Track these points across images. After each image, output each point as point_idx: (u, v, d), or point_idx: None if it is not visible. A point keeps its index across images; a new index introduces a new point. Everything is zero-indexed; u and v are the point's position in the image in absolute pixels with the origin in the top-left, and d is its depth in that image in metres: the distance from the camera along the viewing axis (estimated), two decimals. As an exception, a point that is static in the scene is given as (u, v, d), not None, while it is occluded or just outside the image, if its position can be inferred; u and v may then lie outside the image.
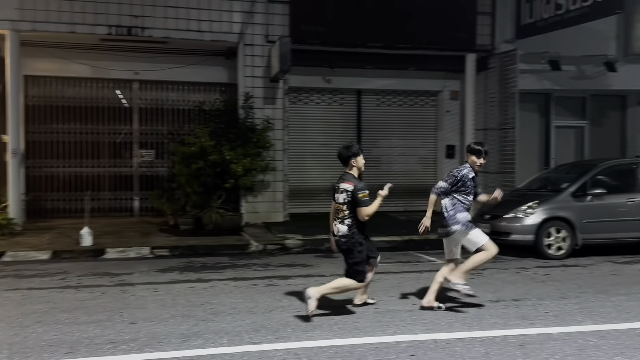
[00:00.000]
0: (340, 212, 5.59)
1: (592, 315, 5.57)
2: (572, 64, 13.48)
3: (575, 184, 9.45)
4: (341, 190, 5.56)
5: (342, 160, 5.71)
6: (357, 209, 5.47)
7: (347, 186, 5.51)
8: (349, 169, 5.67)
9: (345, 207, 5.54)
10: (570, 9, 11.46)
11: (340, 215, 5.58)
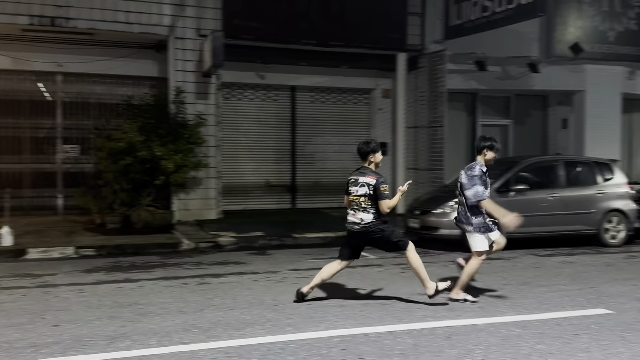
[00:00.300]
0: (360, 204, 5.77)
1: (515, 306, 5.81)
2: (498, 65, 14.02)
3: (499, 180, 9.82)
4: (361, 183, 5.76)
5: (361, 155, 5.91)
6: (379, 201, 5.68)
7: (369, 180, 5.72)
8: (367, 164, 5.87)
9: (366, 199, 5.74)
10: (496, 11, 11.91)
11: (362, 206, 5.77)
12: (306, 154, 14.23)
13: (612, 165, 10.66)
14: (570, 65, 14.32)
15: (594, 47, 13.88)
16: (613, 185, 10.31)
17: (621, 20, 14.03)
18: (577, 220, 9.95)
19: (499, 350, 4.38)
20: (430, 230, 9.81)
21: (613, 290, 6.54)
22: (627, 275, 7.39)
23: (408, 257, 5.89)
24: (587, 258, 8.85)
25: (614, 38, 14.00)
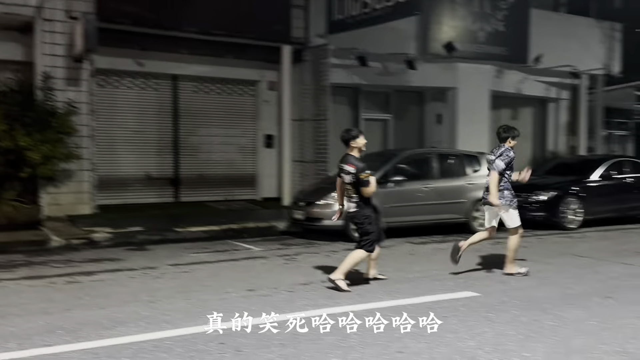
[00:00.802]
0: (348, 192, 6.23)
1: (391, 292, 6.02)
2: (378, 61, 14.47)
3: (379, 172, 10.11)
4: (346, 171, 6.12)
5: (344, 142, 6.31)
6: (361, 188, 6.06)
7: (350, 168, 6.07)
8: (350, 151, 6.24)
9: (351, 187, 6.15)
10: (375, 8, 12.30)
11: (349, 194, 6.23)
12: (190, 145, 13.83)
13: (481, 158, 11.39)
14: (444, 63, 15.12)
15: (465, 46, 14.76)
16: (482, 176, 10.98)
17: (490, 21, 15.04)
18: (449, 209, 10.54)
19: (375, 334, 4.50)
20: (314, 222, 9.93)
21: (479, 274, 7.00)
22: (493, 260, 7.93)
23: (354, 251, 6.21)
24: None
25: (484, 38, 14.98)
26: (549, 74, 16.91)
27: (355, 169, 6.04)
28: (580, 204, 11.35)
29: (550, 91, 17.75)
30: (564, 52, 16.39)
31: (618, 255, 8.32)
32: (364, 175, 6.04)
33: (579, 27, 17.16)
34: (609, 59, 17.87)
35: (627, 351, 4.18)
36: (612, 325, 4.81)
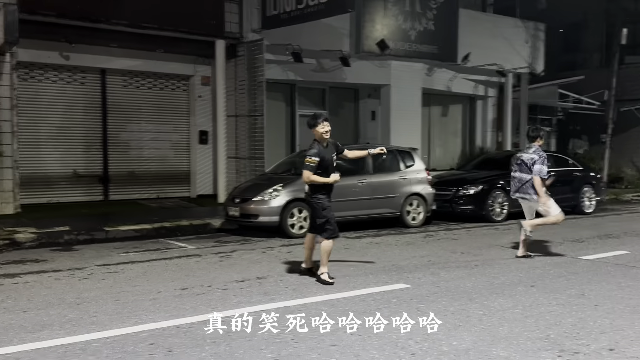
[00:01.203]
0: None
1: (326, 287, 6.06)
2: (313, 58, 14.53)
3: (315, 168, 10.20)
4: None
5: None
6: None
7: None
8: (314, 139, 6.30)
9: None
10: (309, 4, 12.30)
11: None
12: (120, 141, 13.43)
13: (413, 153, 11.68)
14: (377, 60, 15.36)
15: (398, 44, 15.05)
16: (414, 171, 11.30)
17: (421, 20, 15.39)
18: (383, 204, 10.74)
19: (309, 329, 4.52)
20: (250, 218, 9.86)
21: (411, 266, 7.17)
22: (424, 253, 8.15)
23: (322, 243, 6.32)
24: (390, 238, 9.59)
25: (415, 37, 15.32)
26: (477, 72, 17.51)
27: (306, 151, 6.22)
28: (506, 197, 11.82)
29: (479, 89, 18.39)
30: (491, 51, 17.02)
31: (541, 245, 8.73)
32: (306, 159, 6.13)
33: (505, 27, 17.85)
34: (533, 58, 18.70)
35: (549, 337, 4.39)
36: (535, 313, 5.04)
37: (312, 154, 6.12)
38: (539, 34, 18.89)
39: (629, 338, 4.34)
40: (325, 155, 6.21)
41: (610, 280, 6.33)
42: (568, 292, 5.79)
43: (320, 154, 6.16)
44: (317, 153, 6.14)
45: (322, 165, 6.19)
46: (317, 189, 6.26)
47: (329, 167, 6.25)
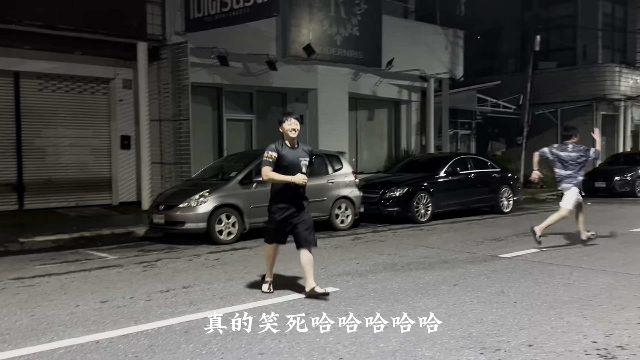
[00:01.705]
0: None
1: (254, 293, 5.99)
2: (240, 61, 14.40)
3: (242, 173, 10.11)
4: None
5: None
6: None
7: None
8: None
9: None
10: (234, 7, 12.17)
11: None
12: (35, 147, 12.77)
13: (341, 157, 11.79)
14: (304, 65, 15.43)
15: (324, 49, 15.17)
16: (342, 175, 11.41)
17: (346, 26, 15.59)
18: (312, 208, 10.69)
19: (235, 339, 4.45)
20: (175, 225, 9.62)
21: (340, 269, 7.22)
22: (352, 256, 8.23)
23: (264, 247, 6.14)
24: (319, 242, 9.42)
25: (341, 42, 15.50)
26: (400, 77, 17.95)
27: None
28: (430, 198, 12.17)
29: (403, 93, 18.85)
30: (413, 57, 17.50)
31: (463, 245, 9.03)
32: (265, 155, 5.63)
33: (426, 33, 18.40)
34: (453, 64, 19.38)
35: (471, 335, 4.53)
36: (458, 311, 5.19)
37: (270, 149, 5.62)
38: (458, 40, 19.60)
39: (547, 333, 4.55)
40: (287, 154, 5.61)
41: (527, 277, 6.62)
42: (489, 290, 6.01)
43: (280, 150, 5.61)
44: (274, 148, 5.62)
45: (281, 165, 5.60)
46: (274, 197, 5.75)
47: (288, 169, 5.60)
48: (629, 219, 12.23)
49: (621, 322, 4.81)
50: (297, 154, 5.73)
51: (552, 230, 9.23)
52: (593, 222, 11.69)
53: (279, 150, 5.63)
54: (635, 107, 24.48)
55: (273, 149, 5.63)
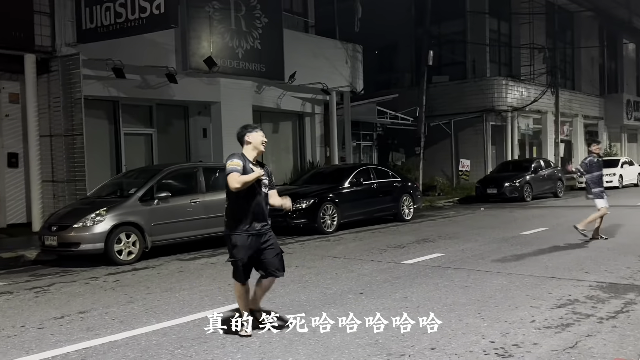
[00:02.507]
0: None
1: (157, 315, 5.76)
2: (137, 74, 13.91)
3: (143, 189, 9.73)
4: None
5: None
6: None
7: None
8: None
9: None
10: (129, 18, 11.75)
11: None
12: None
13: (245, 170, 11.66)
14: (206, 77, 15.19)
15: (225, 61, 15.03)
16: (247, 188, 11.27)
17: (247, 39, 15.55)
18: (218, 222, 10.40)
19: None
20: (70, 247, 9.08)
21: (251, 283, 7.10)
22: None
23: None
24: (224, 258, 9.41)
25: (243, 55, 15.44)
26: (303, 90, 18.16)
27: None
28: (335, 209, 12.35)
29: (306, 106, 19.08)
30: (315, 71, 17.78)
31: (368, 253, 9.23)
32: (228, 163, 4.75)
33: (326, 48, 18.77)
34: (353, 78, 19.89)
35: (377, 342, 4.61)
36: (364, 320, 5.27)
37: (235, 157, 4.75)
38: (357, 55, 20.16)
39: (448, 336, 4.73)
40: (250, 170, 4.78)
41: (428, 282, 6.87)
42: (393, 296, 6.16)
43: (244, 160, 4.79)
44: (237, 155, 4.81)
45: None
46: (234, 217, 4.81)
47: (252, 186, 4.75)
48: (519, 223, 13.05)
49: (516, 321, 5.10)
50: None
51: (452, 235, 9.65)
52: (487, 227, 12.41)
53: (244, 159, 4.80)
54: (521, 118, 26.33)
55: (239, 158, 4.77)
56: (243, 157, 4.81)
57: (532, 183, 19.70)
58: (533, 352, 4.29)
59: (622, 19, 35.66)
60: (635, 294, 5.91)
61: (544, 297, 5.94)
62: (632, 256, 8.13)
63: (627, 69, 38.55)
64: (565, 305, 5.58)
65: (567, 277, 6.85)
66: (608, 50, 36.29)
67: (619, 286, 6.31)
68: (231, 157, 4.79)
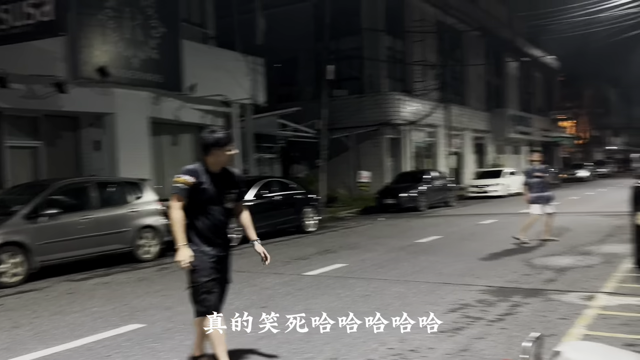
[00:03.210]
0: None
1: (46, 340, 5.39)
2: (22, 83, 13.02)
3: (28, 206, 9.10)
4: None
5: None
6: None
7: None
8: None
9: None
10: (14, 25, 11.01)
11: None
12: None
13: (143, 185, 11.26)
14: (99, 88, 14.52)
15: (120, 71, 14.43)
16: (144, 203, 10.89)
17: (143, 48, 15.05)
18: (112, 239, 10.08)
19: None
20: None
21: (145, 303, 6.84)
22: (158, 288, 7.87)
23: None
24: (122, 276, 9.04)
25: (139, 65, 14.90)
26: (204, 102, 17.85)
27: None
28: (238, 223, 12.20)
29: (207, 118, 18.73)
30: (215, 83, 17.55)
31: (271, 266, 9.14)
32: (174, 179, 4.08)
33: (227, 60, 18.60)
34: (255, 90, 19.85)
35: (280, 355, 4.59)
36: (266, 334, 5.22)
37: (184, 171, 4.05)
38: (258, 67, 20.16)
39: (349, 345, 4.79)
40: (206, 182, 4.03)
41: (330, 292, 6.96)
42: (295, 308, 6.17)
43: (199, 175, 4.03)
44: (193, 170, 4.04)
45: (200, 195, 4.01)
46: (192, 233, 4.08)
47: (212, 201, 4.07)
48: (415, 232, 13.59)
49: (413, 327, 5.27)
50: (223, 182, 4.15)
51: (354, 245, 9.82)
52: (386, 236, 12.82)
53: (197, 174, 4.04)
54: (416, 131, 27.54)
55: (191, 172, 4.03)
56: (202, 168, 4.07)
57: (426, 193, 20.62)
58: (429, 356, 4.47)
59: (505, 39, 38.50)
60: (521, 297, 6.33)
61: (438, 302, 6.21)
62: (517, 261, 8.72)
63: (510, 86, 41.63)
64: (458, 309, 5.86)
65: (459, 283, 7.21)
66: (493, 68, 38.98)
67: (506, 290, 6.73)
68: (184, 168, 4.09)
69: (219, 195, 4.10)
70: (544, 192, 10.52)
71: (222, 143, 4.09)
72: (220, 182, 4.11)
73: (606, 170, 50.20)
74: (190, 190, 3.99)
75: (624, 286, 6.66)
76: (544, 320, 5.35)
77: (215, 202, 4.09)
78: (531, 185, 10.55)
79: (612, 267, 7.88)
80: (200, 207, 4.05)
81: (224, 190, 4.14)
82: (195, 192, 4.00)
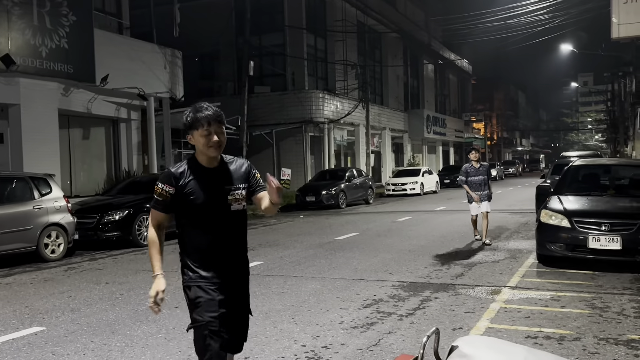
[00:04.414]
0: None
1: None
2: None
3: None
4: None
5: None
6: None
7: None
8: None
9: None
10: None
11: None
12: None
13: (49, 180, 10.66)
14: (3, 77, 13.62)
15: (26, 60, 13.62)
16: (51, 199, 10.32)
17: (53, 37, 14.27)
18: (13, 238, 9.48)
19: None
20: None
21: (49, 305, 6.48)
22: (63, 289, 7.47)
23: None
24: (25, 276, 8.52)
25: (47, 54, 14.12)
26: (118, 94, 17.18)
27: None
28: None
29: (121, 112, 18.06)
30: (131, 74, 16.94)
31: (186, 265, 8.96)
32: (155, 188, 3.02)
33: (143, 51, 17.99)
34: (173, 84, 19.33)
35: (190, 357, 4.48)
36: (178, 335, 5.10)
37: (162, 176, 3.02)
38: (176, 60, 19.66)
39: (262, 344, 4.76)
40: (193, 185, 2.97)
41: (246, 290, 6.88)
42: (210, 308, 6.05)
43: (183, 177, 2.97)
44: (170, 175, 2.97)
45: (190, 202, 2.96)
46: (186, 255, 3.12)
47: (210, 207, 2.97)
48: (334, 229, 13.73)
49: (326, 323, 5.32)
50: (224, 178, 3.06)
51: (272, 242, 9.75)
52: (305, 233, 12.87)
53: (181, 177, 2.97)
54: (337, 129, 27.87)
55: (170, 177, 2.97)
56: (190, 165, 3.03)
57: (346, 191, 20.91)
58: (340, 352, 4.51)
59: (422, 42, 39.77)
60: (431, 292, 6.54)
61: (352, 298, 6.30)
62: (429, 257, 9.01)
63: (427, 87, 43.05)
64: (371, 305, 5.97)
65: (373, 279, 7.35)
66: (411, 70, 40.18)
67: (417, 285, 6.93)
68: (163, 172, 3.07)
69: (219, 197, 3.00)
70: (482, 190, 10.72)
71: (191, 124, 2.99)
72: (218, 180, 3.02)
73: (514, 170, 52.98)
74: (172, 200, 2.97)
75: (526, 280, 7.03)
76: (452, 315, 5.55)
77: (215, 207, 2.99)
78: (469, 184, 10.75)
79: (517, 262, 8.31)
80: (195, 218, 2.99)
81: (226, 188, 3.02)
82: (182, 200, 2.96)
